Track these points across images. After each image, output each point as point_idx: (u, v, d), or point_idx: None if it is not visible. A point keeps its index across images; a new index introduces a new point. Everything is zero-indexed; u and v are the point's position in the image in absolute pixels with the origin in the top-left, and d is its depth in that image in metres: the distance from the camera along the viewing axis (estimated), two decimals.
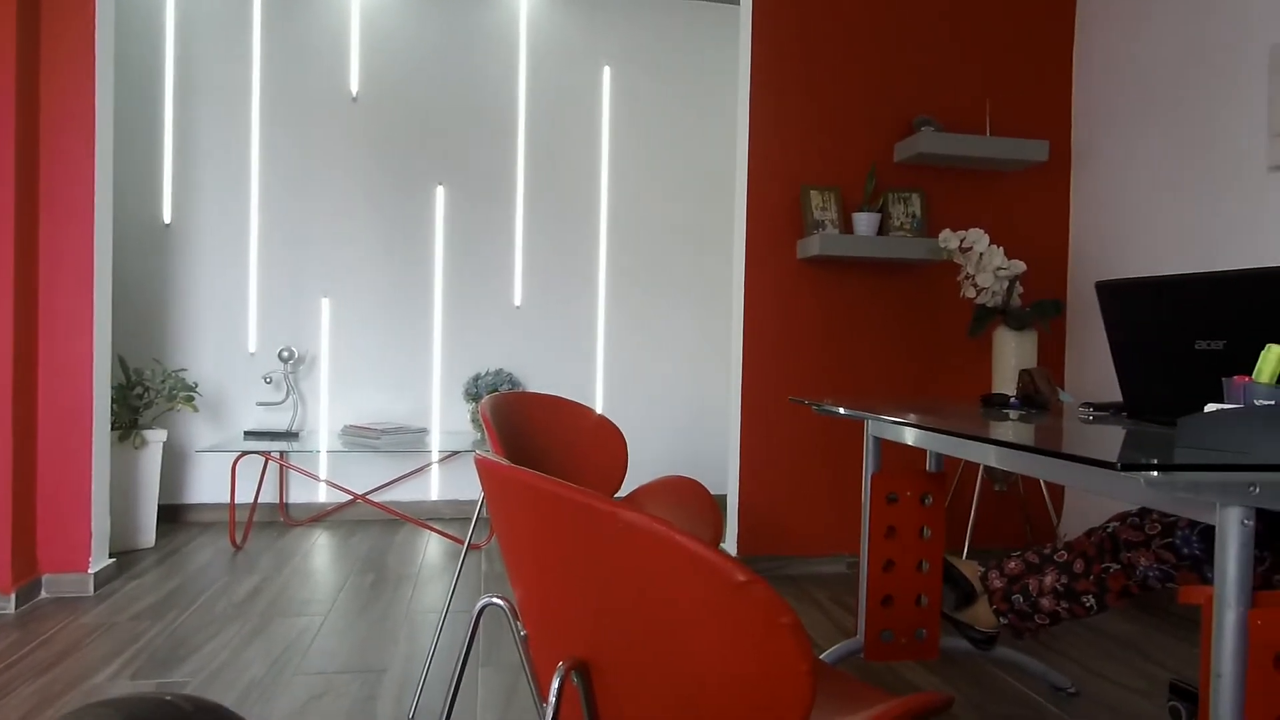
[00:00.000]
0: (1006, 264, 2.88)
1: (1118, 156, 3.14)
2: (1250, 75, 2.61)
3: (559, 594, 0.88)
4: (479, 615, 1.24)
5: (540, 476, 0.82)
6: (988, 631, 1.89)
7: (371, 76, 3.92)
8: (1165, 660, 2.33)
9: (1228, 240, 2.68)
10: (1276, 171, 2.52)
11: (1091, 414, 1.68)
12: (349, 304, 3.92)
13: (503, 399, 1.88)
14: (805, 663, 0.69)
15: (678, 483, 2.16)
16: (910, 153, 3.11)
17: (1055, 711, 1.98)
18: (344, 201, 3.91)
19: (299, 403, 3.88)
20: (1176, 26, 2.89)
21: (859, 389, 3.22)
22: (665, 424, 4.19)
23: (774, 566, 3.15)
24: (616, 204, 4.14)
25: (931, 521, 2.05)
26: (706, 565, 0.71)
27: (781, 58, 3.15)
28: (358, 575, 3.03)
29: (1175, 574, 1.66)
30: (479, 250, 4.02)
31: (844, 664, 2.15)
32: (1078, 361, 3.33)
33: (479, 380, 3.93)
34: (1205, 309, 1.38)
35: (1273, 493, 1.01)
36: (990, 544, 3.28)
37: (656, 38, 4.16)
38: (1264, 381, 1.11)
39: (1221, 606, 1.03)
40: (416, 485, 4.00)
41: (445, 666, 2.17)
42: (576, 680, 0.85)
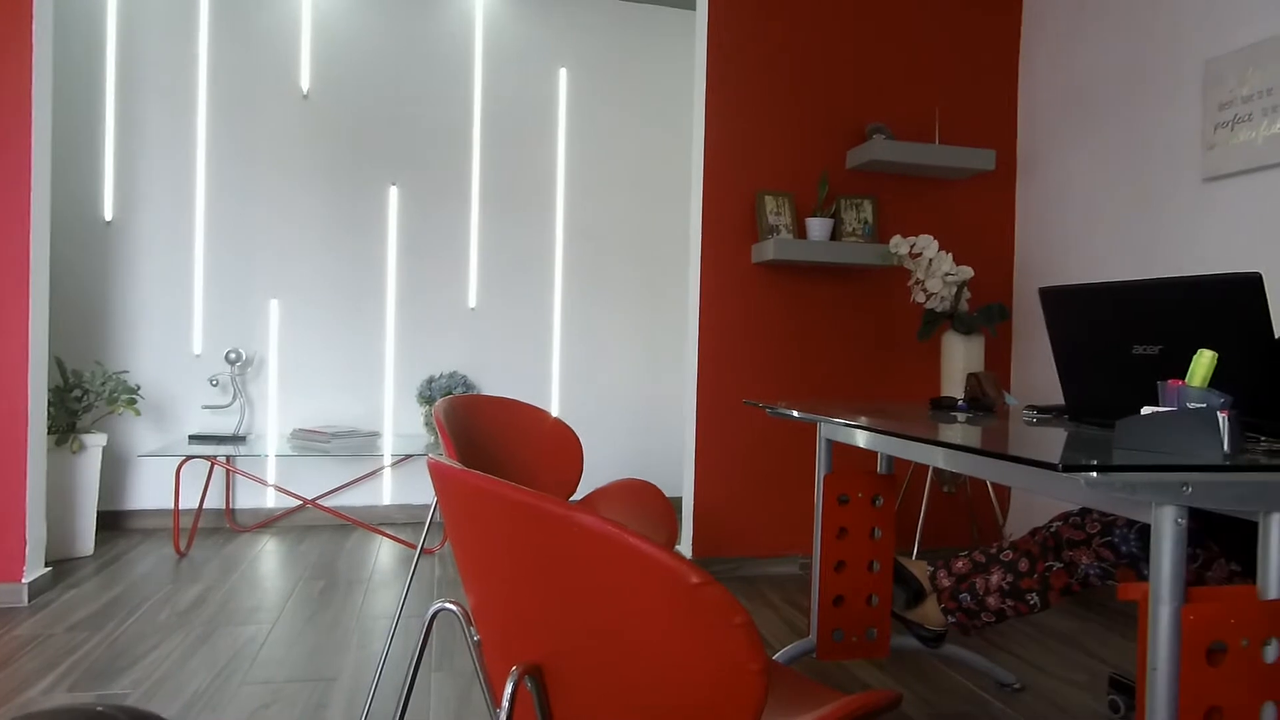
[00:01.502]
0: (955, 270, 2.94)
1: (1061, 166, 3.24)
2: (1185, 89, 2.71)
3: (513, 598, 0.88)
4: (431, 621, 1.23)
5: (494, 480, 0.81)
6: (936, 630, 1.92)
7: (323, 74, 3.86)
8: (1105, 655, 2.40)
9: (1164, 248, 2.78)
10: (1211, 183, 2.62)
11: (1035, 416, 1.73)
12: (299, 305, 3.85)
13: (457, 402, 1.86)
14: (757, 662, 0.70)
15: (633, 485, 2.16)
16: (862, 160, 3.16)
17: (1000, 706, 2.03)
18: (294, 201, 3.83)
19: (246, 406, 3.80)
20: (1116, 42, 2.99)
21: (812, 392, 3.26)
22: (621, 427, 4.19)
23: (728, 568, 3.17)
24: (573, 207, 4.13)
25: (882, 522, 2.08)
26: (660, 567, 0.72)
27: (737, 64, 3.18)
28: (307, 582, 2.97)
29: (1114, 571, 1.71)
30: (433, 251, 3.98)
31: (797, 664, 2.17)
32: (1023, 365, 3.42)
33: (433, 383, 3.89)
34: (1142, 315, 1.43)
35: (1204, 492, 1.05)
36: (939, 544, 3.35)
37: (613, 42, 4.16)
38: (1196, 385, 1.15)
39: (1157, 602, 1.07)
40: (368, 490, 3.94)
41: (397, 673, 2.14)
42: (530, 685, 0.85)
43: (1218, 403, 1.11)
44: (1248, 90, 2.47)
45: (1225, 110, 2.54)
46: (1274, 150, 2.39)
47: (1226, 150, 2.53)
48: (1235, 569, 1.60)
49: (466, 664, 2.22)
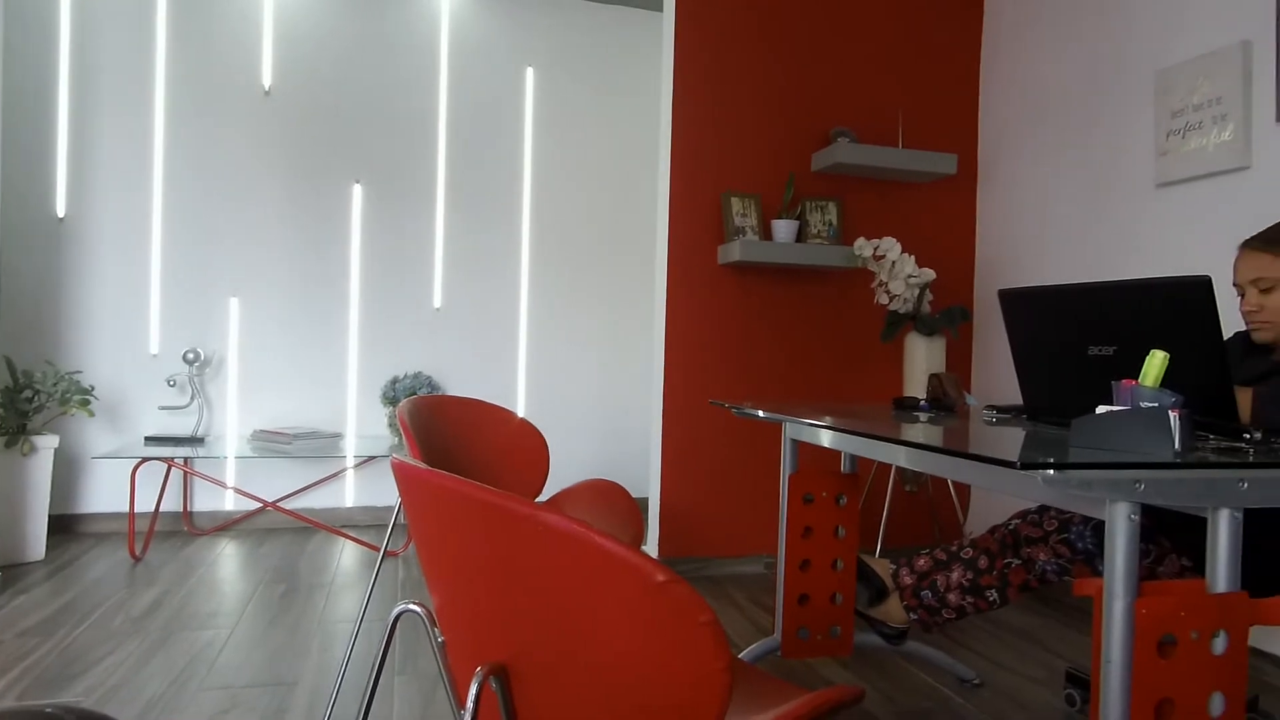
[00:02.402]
0: (917, 272, 2.98)
1: (1020, 171, 3.30)
2: (1139, 98, 2.78)
3: (477, 599, 0.87)
4: (394, 623, 1.21)
5: (459, 480, 0.81)
6: (898, 627, 1.95)
7: (285, 70, 3.80)
8: (1062, 650, 2.45)
9: (1119, 251, 2.84)
10: (1163, 188, 2.68)
11: (995, 416, 1.76)
12: (259, 304, 3.78)
13: (422, 402, 1.84)
14: (722, 660, 0.71)
15: (599, 485, 2.16)
16: (827, 162, 3.20)
17: (960, 702, 2.06)
18: (255, 198, 3.77)
19: (205, 407, 3.73)
20: (1073, 50, 3.05)
21: (777, 392, 3.29)
22: (588, 427, 4.18)
23: (694, 568, 3.18)
24: (539, 206, 4.12)
25: (846, 521, 2.11)
26: (626, 566, 0.72)
27: (704, 66, 3.20)
28: (267, 585, 2.92)
29: (1070, 568, 1.75)
30: (398, 250, 3.94)
31: (762, 662, 2.18)
32: (983, 365, 3.48)
33: (397, 383, 3.85)
34: (1098, 316, 1.46)
35: (1156, 489, 1.08)
36: (902, 542, 3.39)
37: (580, 42, 4.16)
38: (1148, 385, 1.18)
39: (1111, 597, 1.09)
40: (330, 491, 3.88)
41: (360, 677, 2.12)
42: (495, 685, 0.85)
43: (1169, 402, 1.14)
44: (1198, 99, 2.54)
45: (1177, 118, 2.61)
46: (1223, 157, 2.46)
47: (1178, 157, 2.60)
48: (1186, 564, 1.64)
49: (430, 666, 2.20)
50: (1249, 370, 1.72)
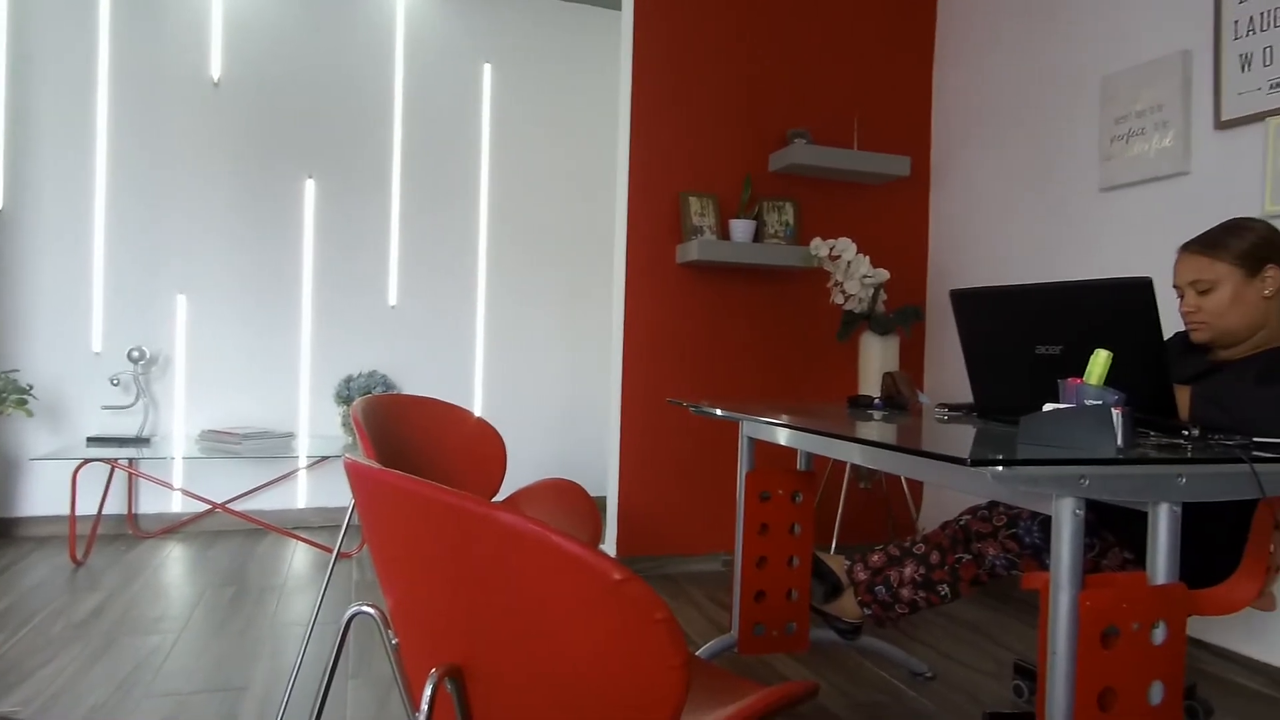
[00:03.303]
0: (872, 272, 3.03)
1: (970, 174, 3.37)
2: (1085, 103, 2.85)
3: (432, 599, 0.86)
4: (347, 625, 1.19)
5: (413, 479, 0.80)
6: (853, 622, 1.98)
7: (235, 61, 3.71)
8: (1011, 643, 2.51)
9: (1066, 253, 2.92)
10: (1108, 192, 2.76)
11: (946, 414, 1.79)
12: (208, 301, 3.69)
13: (376, 401, 1.82)
14: (678, 657, 0.71)
15: (557, 485, 2.15)
16: (784, 163, 3.23)
17: (913, 695, 2.10)
18: (204, 192, 3.68)
19: (150, 406, 3.63)
20: (1022, 56, 3.13)
21: (735, 390, 3.31)
22: (546, 426, 4.17)
23: (652, 566, 3.18)
24: (497, 204, 4.08)
25: (802, 518, 2.13)
26: (582, 565, 0.72)
27: (661, 66, 3.20)
28: (216, 589, 2.85)
29: (1019, 562, 1.79)
30: (352, 247, 3.87)
31: (719, 659, 2.20)
32: (935, 364, 3.54)
33: (351, 382, 3.79)
34: (1044, 316, 1.50)
35: (1100, 484, 1.11)
36: (857, 539, 3.44)
37: (538, 38, 4.13)
38: (1093, 383, 1.22)
39: (1056, 590, 1.12)
40: (282, 493, 3.81)
41: (312, 681, 2.08)
42: (450, 687, 0.84)
43: (1112, 400, 1.18)
44: (1141, 106, 2.61)
45: (1121, 124, 2.68)
46: (1164, 163, 2.54)
47: (1122, 162, 2.68)
48: (1128, 557, 1.69)
49: (385, 669, 2.17)
50: (1187, 369, 1.78)
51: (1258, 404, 1.42)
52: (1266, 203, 2.23)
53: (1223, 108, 2.37)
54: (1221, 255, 1.67)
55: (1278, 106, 2.22)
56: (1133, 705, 1.13)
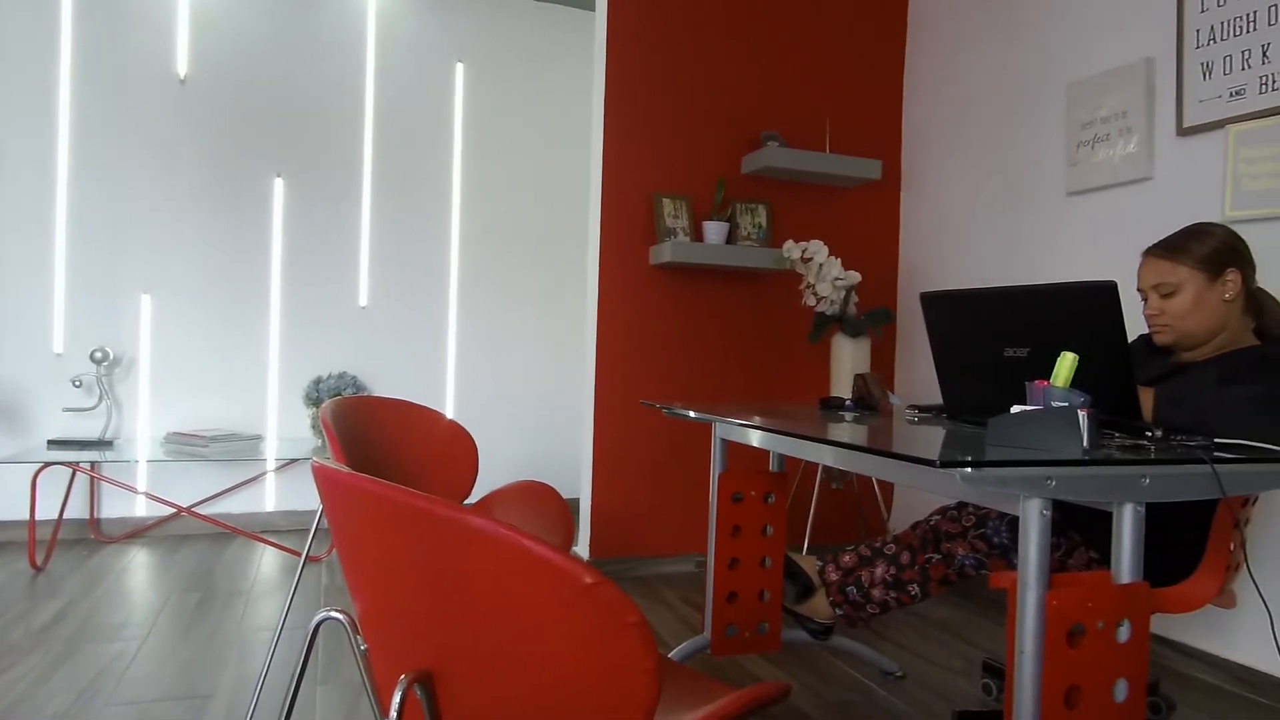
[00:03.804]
0: (844, 274, 3.05)
1: (941, 178, 3.41)
2: (1051, 110, 2.90)
3: (402, 604, 0.85)
4: (315, 630, 1.18)
5: (382, 483, 0.79)
6: (825, 622, 1.99)
7: (202, 58, 3.65)
8: (981, 642, 2.54)
9: (1033, 257, 2.96)
10: (1073, 197, 2.81)
11: (916, 415, 1.81)
12: (174, 301, 3.63)
13: (346, 403, 1.80)
14: (650, 660, 0.71)
15: (529, 487, 2.14)
16: (757, 166, 3.24)
17: (884, 694, 2.11)
18: (169, 190, 3.61)
19: (114, 408, 3.55)
20: (991, 63, 3.17)
21: (708, 392, 3.32)
22: (519, 428, 4.15)
23: (625, 568, 3.18)
24: (470, 203, 4.06)
25: (774, 519, 2.14)
26: (553, 568, 0.71)
27: (635, 68, 3.20)
28: (181, 594, 2.80)
29: (988, 562, 1.81)
30: (322, 247, 3.83)
31: (691, 661, 2.20)
32: (906, 366, 3.58)
33: (320, 384, 3.74)
34: (1012, 319, 1.52)
35: (1066, 485, 1.12)
36: (828, 539, 3.46)
37: (511, 38, 4.11)
38: (1059, 385, 1.23)
39: (1024, 589, 1.14)
40: (250, 496, 3.75)
41: (280, 688, 2.05)
42: (420, 693, 0.83)
43: (1078, 402, 1.20)
44: (1105, 112, 2.66)
45: (1086, 130, 2.73)
46: (1128, 168, 2.58)
47: (1087, 167, 2.73)
48: (1094, 556, 1.72)
49: (354, 675, 2.14)
50: (1151, 371, 1.82)
51: (1219, 405, 1.45)
52: (1227, 208, 2.28)
53: (1185, 115, 2.42)
54: (1184, 259, 1.71)
55: (1237, 114, 2.27)
56: (1098, 702, 1.15)
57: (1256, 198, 2.22)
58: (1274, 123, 2.18)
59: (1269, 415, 1.41)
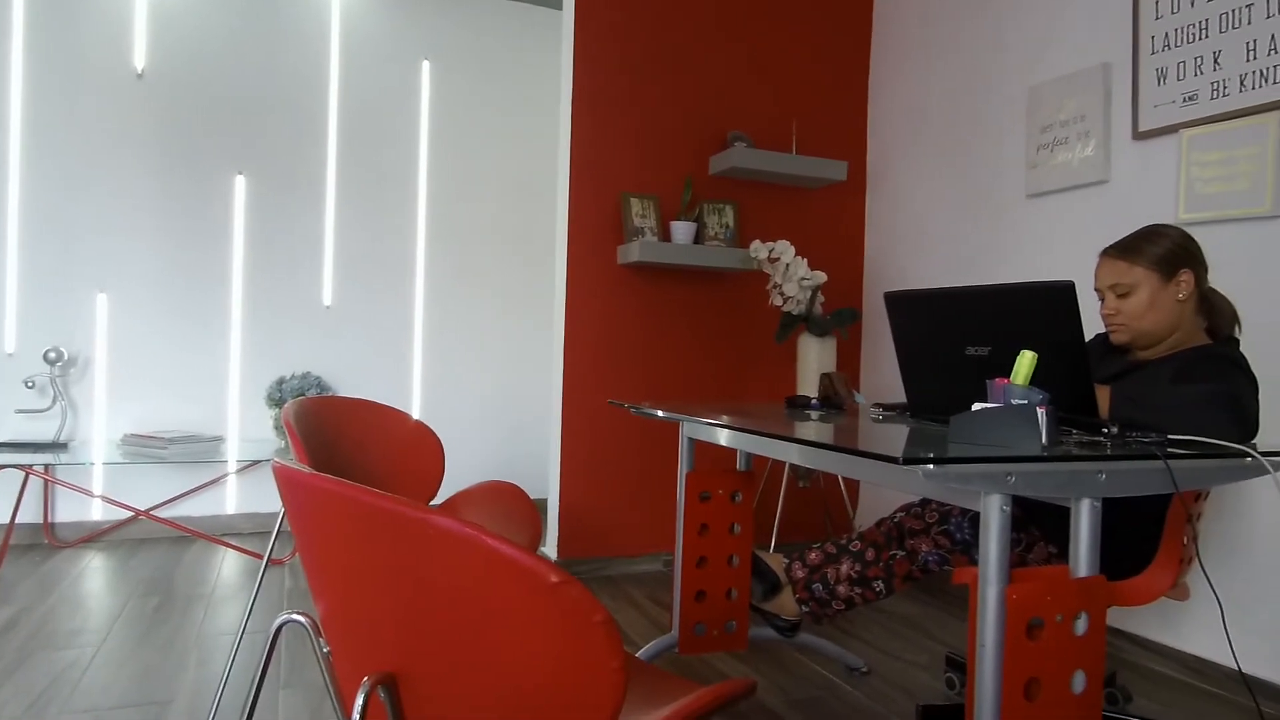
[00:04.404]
0: (810, 274, 3.07)
1: (905, 179, 3.45)
2: (1012, 113, 2.95)
3: (365, 606, 0.84)
4: (276, 633, 1.16)
5: (345, 483, 0.78)
6: (791, 620, 2.00)
7: (161, 52, 3.58)
8: (944, 636, 2.58)
9: (995, 257, 3.01)
10: (1034, 198, 2.86)
11: (881, 414, 1.83)
12: (131, 300, 3.55)
13: (309, 403, 1.77)
14: (617, 659, 0.71)
15: (497, 488, 2.13)
16: (724, 166, 3.25)
17: (849, 690, 2.13)
18: (126, 187, 3.53)
19: (69, 410, 3.47)
20: (954, 67, 3.21)
21: (676, 391, 3.32)
22: (486, 428, 4.12)
23: (593, 568, 3.18)
24: (436, 202, 4.02)
25: (741, 518, 2.15)
26: (519, 568, 0.71)
27: (603, 67, 3.20)
28: (139, 599, 2.74)
29: (950, 558, 1.84)
30: (285, 246, 3.77)
31: (659, 659, 2.20)
32: (871, 365, 3.62)
33: (284, 384, 3.68)
34: (974, 318, 1.54)
35: (1026, 481, 1.14)
36: (795, 537, 3.49)
37: (478, 36, 4.09)
38: (1019, 383, 1.26)
39: (985, 584, 1.15)
40: (210, 498, 3.68)
41: (241, 693, 2.02)
42: (383, 695, 0.82)
43: (1037, 399, 1.22)
44: (1064, 116, 2.71)
45: (1046, 133, 2.78)
46: (1086, 171, 2.64)
47: (1047, 170, 2.78)
48: (1053, 551, 1.75)
49: (317, 678, 2.11)
50: (1107, 369, 1.86)
51: (1172, 403, 1.49)
52: (1180, 210, 2.34)
53: (1140, 119, 2.48)
54: (1139, 260, 1.75)
55: (1190, 119, 2.33)
56: (1057, 694, 1.17)
57: (1208, 201, 2.28)
58: (1224, 128, 2.24)
59: (1220, 412, 1.45)
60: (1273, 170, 2.13)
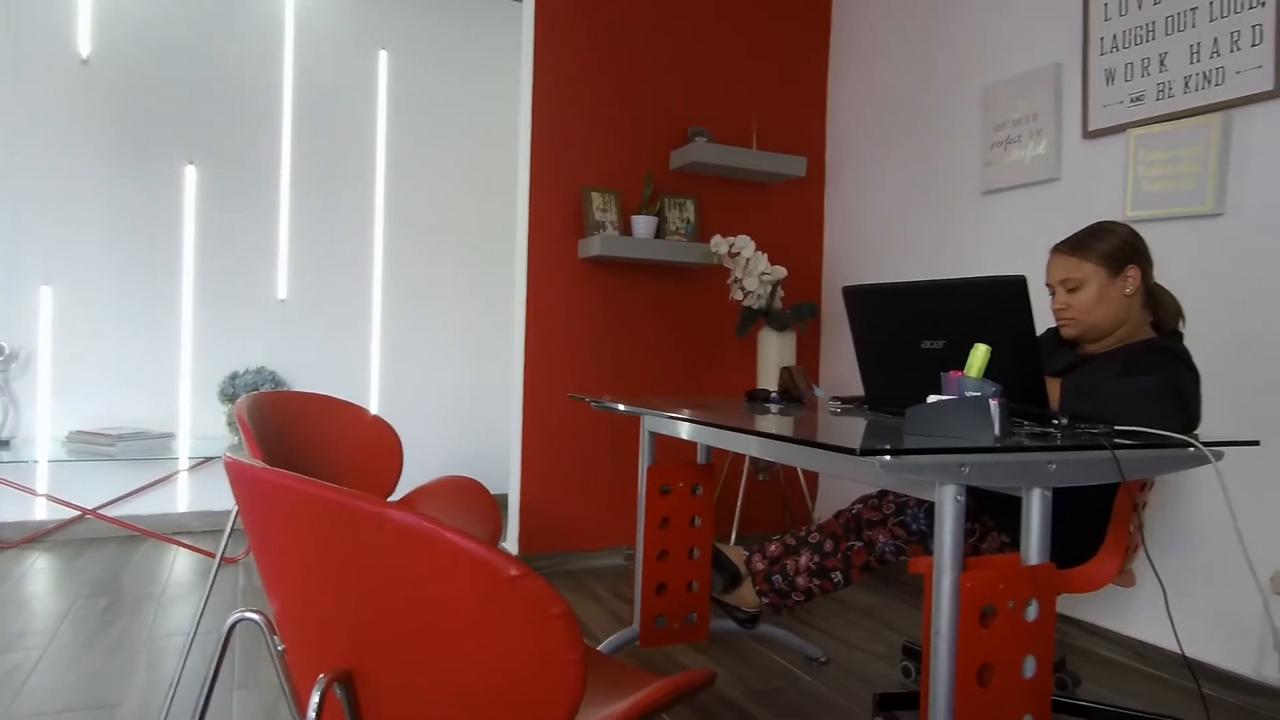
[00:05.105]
0: (770, 269, 3.10)
1: (863, 175, 3.49)
2: (967, 111, 3.00)
3: (320, 603, 0.83)
4: (229, 632, 1.14)
5: (299, 478, 0.76)
6: (751, 611, 2.02)
7: (107, 37, 3.47)
8: (901, 626, 2.62)
9: (951, 253, 3.06)
10: (988, 195, 2.91)
11: (839, 407, 1.85)
12: (77, 293, 3.44)
13: (263, 398, 1.74)
14: (576, 652, 0.70)
15: (456, 483, 2.11)
16: (685, 161, 3.26)
17: (809, 680, 2.16)
18: (71, 176, 3.43)
19: (10, 406, 3.36)
20: (911, 65, 3.26)
21: (636, 385, 3.33)
22: (446, 423, 4.08)
23: (554, 563, 3.17)
24: (394, 193, 3.97)
25: (702, 511, 2.16)
26: (477, 562, 0.70)
27: (563, 60, 3.18)
28: (86, 600, 2.67)
29: (907, 548, 1.87)
30: (237, 237, 3.69)
31: (620, 653, 2.21)
32: (830, 359, 3.66)
33: (237, 379, 3.61)
34: (929, 312, 1.56)
35: (979, 472, 1.16)
36: (755, 529, 3.52)
37: (437, 25, 4.04)
38: (973, 375, 1.28)
39: (939, 573, 1.17)
40: (161, 496, 3.59)
41: (193, 695, 1.97)
42: (340, 692, 0.81)
43: (990, 391, 1.24)
44: (1017, 115, 2.77)
45: (1000, 131, 2.83)
46: (1038, 169, 2.69)
47: (1000, 168, 2.83)
48: (1005, 540, 1.79)
49: (272, 678, 2.08)
50: (1058, 362, 1.90)
51: (1119, 395, 1.53)
52: (1128, 208, 2.40)
53: (1090, 119, 2.54)
54: (1088, 256, 1.79)
55: (1138, 119, 2.39)
56: (1008, 679, 1.20)
57: (1154, 199, 2.34)
58: (1170, 128, 2.30)
59: (1164, 404, 1.49)
60: (1214, 170, 2.20)
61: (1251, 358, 2.14)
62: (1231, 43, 2.16)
